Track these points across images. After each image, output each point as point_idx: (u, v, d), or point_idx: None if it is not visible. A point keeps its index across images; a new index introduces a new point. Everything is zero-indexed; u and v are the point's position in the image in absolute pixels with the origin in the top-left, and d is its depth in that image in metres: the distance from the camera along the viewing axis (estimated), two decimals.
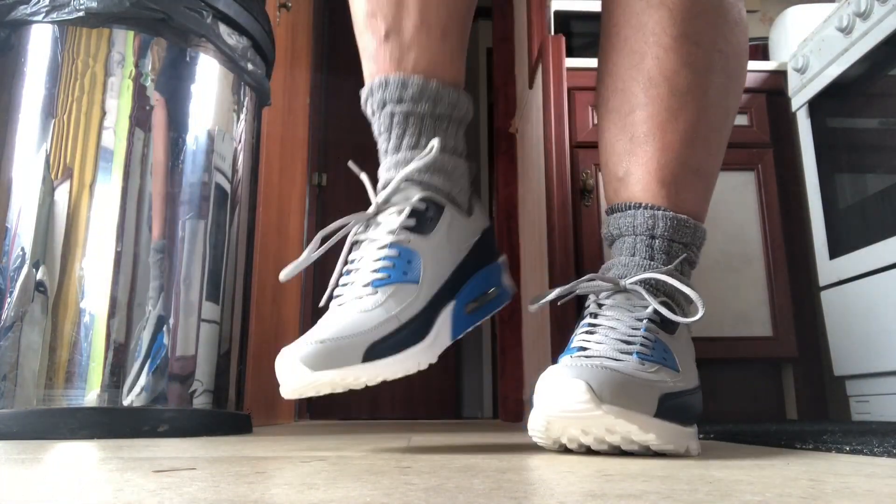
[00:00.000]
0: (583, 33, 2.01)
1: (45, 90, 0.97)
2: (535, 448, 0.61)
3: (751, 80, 1.75)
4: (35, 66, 0.98)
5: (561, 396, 0.49)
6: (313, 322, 0.65)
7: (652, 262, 0.63)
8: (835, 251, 1.50)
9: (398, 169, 0.64)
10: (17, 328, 0.88)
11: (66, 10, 0.97)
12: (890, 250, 1.32)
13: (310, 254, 0.62)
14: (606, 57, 0.70)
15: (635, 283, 0.60)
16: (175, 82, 1.04)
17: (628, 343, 0.56)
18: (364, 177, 0.67)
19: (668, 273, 0.61)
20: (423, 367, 0.58)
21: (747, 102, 1.73)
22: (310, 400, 2.79)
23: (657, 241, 0.63)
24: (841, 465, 0.44)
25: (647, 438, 0.50)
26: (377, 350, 0.55)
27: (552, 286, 1.63)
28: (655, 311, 0.60)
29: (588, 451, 0.54)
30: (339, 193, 3.26)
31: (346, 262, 0.63)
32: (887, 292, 1.33)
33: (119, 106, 0.99)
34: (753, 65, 1.78)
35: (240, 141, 1.14)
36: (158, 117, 1.01)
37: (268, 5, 1.64)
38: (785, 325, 1.60)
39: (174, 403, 0.95)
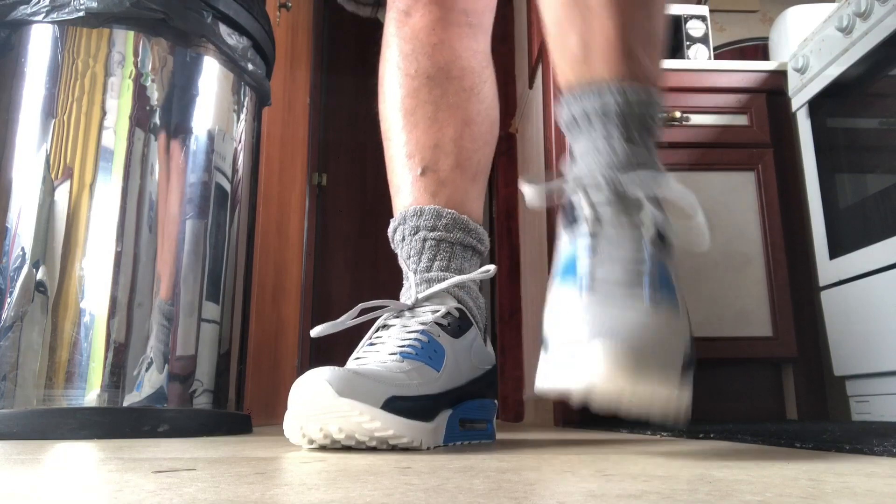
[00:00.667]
0: None
1: (45, 90, 0.97)
2: (535, 448, 0.61)
3: (751, 80, 1.75)
4: (35, 66, 0.98)
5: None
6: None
7: (633, 145, 0.55)
8: (835, 251, 1.50)
9: (431, 284, 0.69)
10: (17, 328, 0.88)
11: (66, 10, 0.97)
12: (890, 250, 1.32)
13: (347, 319, 0.66)
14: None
15: (630, 184, 0.52)
16: (175, 82, 1.04)
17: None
18: (410, 274, 0.71)
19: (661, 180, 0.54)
20: (421, 446, 0.57)
21: (747, 102, 1.73)
22: None
23: (633, 119, 0.56)
24: (841, 465, 0.44)
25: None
26: (395, 404, 0.55)
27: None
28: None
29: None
30: (338, 193, 3.26)
31: (371, 338, 0.66)
32: (887, 292, 1.33)
33: (119, 106, 0.99)
34: (753, 65, 1.78)
35: (240, 141, 1.14)
36: (158, 117, 1.01)
37: (268, 5, 1.64)
38: (785, 325, 1.60)
39: (174, 403, 0.95)
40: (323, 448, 0.56)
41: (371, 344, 0.64)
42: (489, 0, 0.84)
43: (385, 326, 0.66)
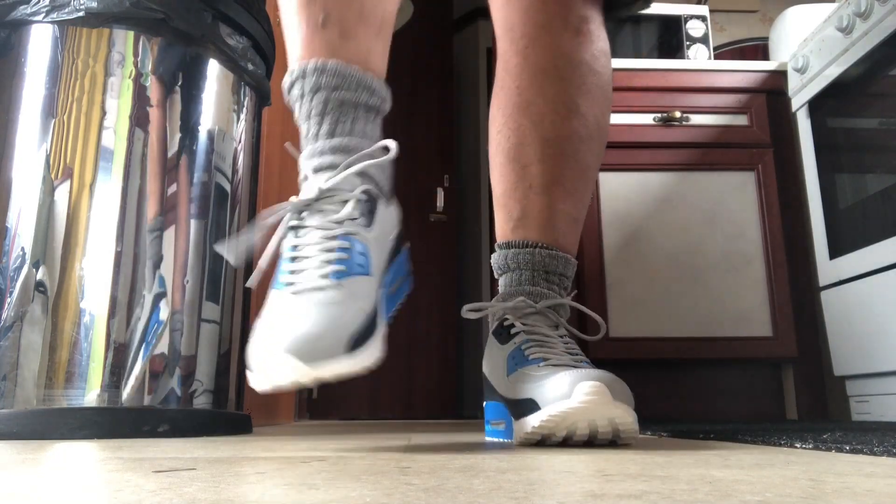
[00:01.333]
0: None
1: (45, 90, 0.97)
2: (535, 448, 0.61)
3: (751, 80, 1.75)
4: (35, 66, 0.98)
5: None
6: None
7: (549, 291, 0.76)
8: (835, 251, 1.50)
9: (336, 154, 0.64)
10: (17, 328, 0.88)
11: (66, 10, 0.97)
12: (890, 250, 1.32)
13: (273, 248, 0.62)
14: (508, 112, 0.83)
15: (548, 306, 0.74)
16: (175, 82, 1.04)
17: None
18: (302, 157, 0.67)
19: (571, 301, 0.78)
20: (382, 354, 0.59)
21: (747, 102, 1.73)
22: (310, 399, 2.79)
23: (551, 275, 0.78)
24: (841, 465, 0.44)
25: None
26: (356, 341, 0.56)
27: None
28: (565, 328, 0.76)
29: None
30: None
31: (278, 245, 0.62)
32: (887, 292, 1.33)
33: (119, 106, 0.99)
34: (753, 65, 1.78)
35: (240, 141, 1.14)
36: (158, 117, 1.01)
37: (268, 5, 1.64)
38: (785, 325, 1.60)
39: (174, 403, 0.95)
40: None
41: (292, 258, 0.60)
42: None
43: (297, 228, 0.62)
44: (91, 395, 0.88)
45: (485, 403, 0.81)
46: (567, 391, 0.59)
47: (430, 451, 0.59)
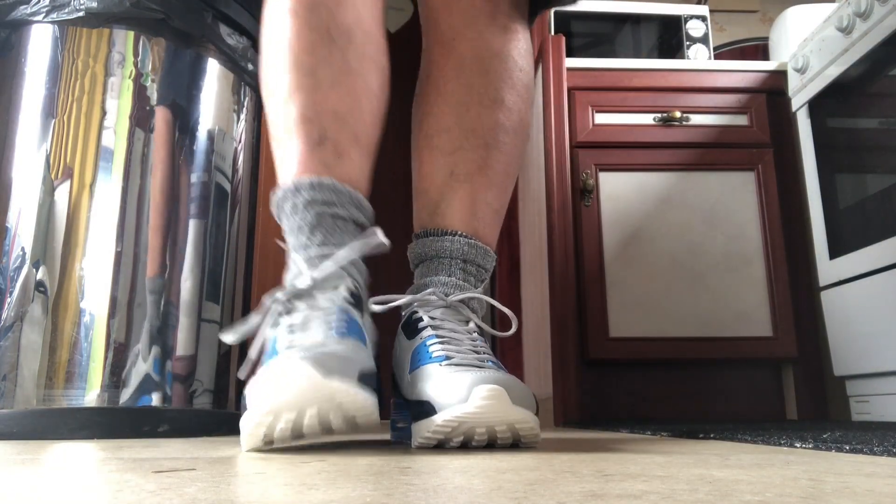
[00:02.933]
0: (583, 33, 2.01)
1: (45, 90, 0.97)
2: (535, 448, 0.61)
3: (751, 80, 1.75)
4: (35, 66, 0.98)
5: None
6: None
7: (465, 283, 0.74)
8: (835, 251, 1.50)
9: (327, 263, 0.66)
10: (17, 328, 0.88)
11: (66, 10, 0.97)
12: (890, 250, 1.32)
13: (262, 339, 0.63)
14: (432, 101, 0.82)
15: (459, 300, 0.71)
16: (175, 82, 1.04)
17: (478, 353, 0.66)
18: (294, 254, 0.68)
19: (484, 293, 0.75)
20: (377, 421, 0.56)
21: (747, 102, 1.73)
22: None
23: (469, 265, 0.75)
24: (841, 465, 0.44)
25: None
26: (365, 379, 0.55)
27: (551, 286, 1.63)
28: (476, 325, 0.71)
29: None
30: None
31: (286, 324, 0.62)
32: (887, 292, 1.33)
33: (119, 106, 0.99)
34: (753, 65, 1.78)
35: (240, 141, 1.14)
36: (158, 117, 1.01)
37: None
38: (785, 325, 1.60)
39: (174, 403, 0.95)
40: (271, 445, 0.54)
41: (291, 331, 0.60)
42: None
43: (291, 311, 0.62)
44: (91, 395, 0.88)
45: (392, 401, 0.77)
46: (464, 395, 0.57)
47: (430, 451, 0.59)
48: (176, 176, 1.01)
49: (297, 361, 0.51)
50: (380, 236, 0.67)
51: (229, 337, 0.62)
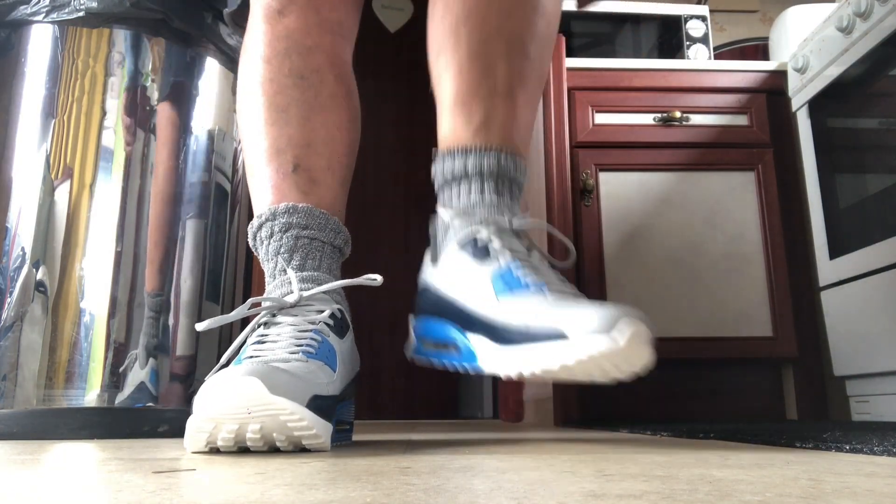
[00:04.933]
0: (583, 33, 2.01)
1: (45, 90, 0.97)
2: (535, 448, 0.61)
3: (751, 80, 1.75)
4: (35, 66, 0.98)
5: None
6: None
7: (514, 204, 0.71)
8: (835, 251, 1.50)
9: (308, 284, 0.68)
10: (17, 328, 0.88)
11: (66, 10, 0.97)
12: (890, 250, 1.32)
13: (239, 314, 0.64)
14: (470, 6, 0.74)
15: (522, 226, 0.68)
16: (175, 82, 1.04)
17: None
18: (292, 273, 0.68)
19: (547, 224, 0.72)
20: (328, 447, 0.55)
21: (747, 102, 1.73)
22: None
23: (514, 185, 0.72)
24: (841, 465, 0.44)
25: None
26: (316, 403, 0.54)
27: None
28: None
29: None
30: None
31: (257, 335, 0.63)
32: (887, 292, 1.33)
33: (119, 106, 0.99)
34: (753, 65, 1.78)
35: (240, 141, 1.14)
36: (158, 117, 1.01)
37: None
38: (785, 325, 1.60)
39: (174, 403, 0.95)
40: (216, 450, 0.54)
41: (260, 342, 0.61)
42: (356, 17, 0.84)
43: (269, 324, 0.63)
44: (91, 395, 0.88)
45: (415, 318, 0.74)
46: (604, 326, 0.53)
47: (430, 451, 0.59)
48: (176, 176, 1.01)
49: (246, 374, 0.51)
50: (377, 281, 0.69)
51: (201, 325, 0.61)
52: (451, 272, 0.68)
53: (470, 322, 0.64)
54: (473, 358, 0.63)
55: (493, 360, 0.60)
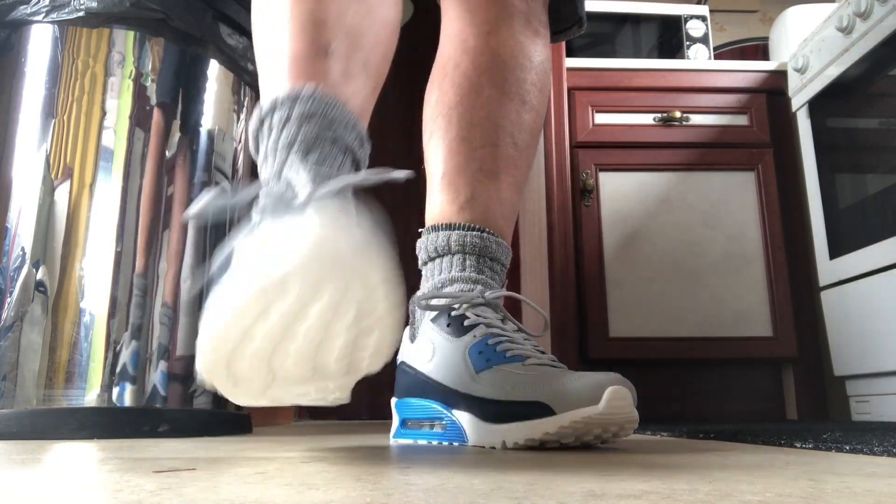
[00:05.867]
0: (583, 33, 2.01)
1: (45, 90, 0.97)
2: (534, 448, 0.61)
3: (751, 80, 1.75)
4: (35, 66, 0.98)
5: None
6: None
7: (493, 282, 0.72)
8: (835, 251, 1.50)
9: (322, 181, 0.50)
10: (17, 328, 0.88)
11: (66, 10, 0.97)
12: (890, 250, 1.32)
13: (240, 200, 0.54)
14: (464, 92, 0.79)
15: (495, 297, 0.69)
16: (175, 82, 1.04)
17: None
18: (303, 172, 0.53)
19: (517, 294, 0.74)
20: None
21: (747, 102, 1.73)
22: None
23: (496, 263, 0.74)
24: (841, 465, 0.44)
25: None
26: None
27: (551, 286, 1.63)
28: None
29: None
30: None
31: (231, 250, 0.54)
32: (887, 292, 1.33)
33: (119, 106, 0.99)
34: (753, 65, 1.78)
35: (240, 141, 1.14)
36: (158, 117, 1.01)
37: None
38: (785, 325, 1.60)
39: (174, 403, 0.94)
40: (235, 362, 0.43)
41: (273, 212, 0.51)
42: None
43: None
44: (91, 395, 0.88)
45: (396, 401, 0.73)
46: (592, 396, 0.55)
47: (431, 451, 0.59)
48: (176, 176, 1.01)
49: (315, 213, 0.39)
50: (397, 173, 0.51)
51: (192, 210, 0.51)
52: (428, 349, 0.69)
53: (454, 399, 0.65)
54: (462, 436, 0.65)
55: (480, 436, 0.63)
